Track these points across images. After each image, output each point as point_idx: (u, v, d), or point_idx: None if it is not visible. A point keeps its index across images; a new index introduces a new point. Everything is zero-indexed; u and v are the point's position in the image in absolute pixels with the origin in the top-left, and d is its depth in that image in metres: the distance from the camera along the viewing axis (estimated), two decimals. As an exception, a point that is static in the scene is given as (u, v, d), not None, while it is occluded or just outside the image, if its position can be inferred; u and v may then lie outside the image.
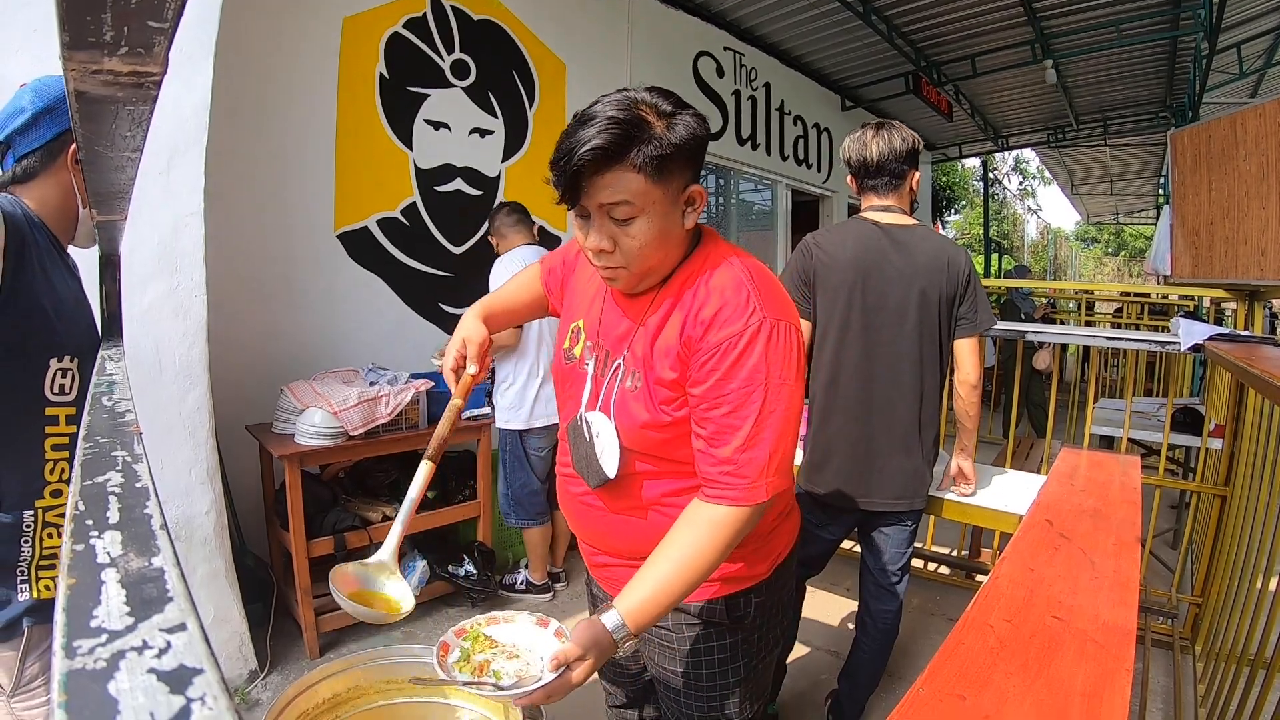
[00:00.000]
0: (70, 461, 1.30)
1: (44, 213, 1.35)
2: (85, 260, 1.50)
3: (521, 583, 3.43)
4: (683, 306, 1.20)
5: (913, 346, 2.16)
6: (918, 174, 2.23)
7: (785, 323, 1.16)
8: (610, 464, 1.28)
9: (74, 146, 1.32)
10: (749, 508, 1.14)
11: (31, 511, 1.32)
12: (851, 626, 3.15)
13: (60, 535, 1.29)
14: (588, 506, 1.38)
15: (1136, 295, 7.20)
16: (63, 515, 1.29)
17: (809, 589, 3.37)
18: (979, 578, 3.58)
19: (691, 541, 1.14)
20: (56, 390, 1.33)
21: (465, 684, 1.08)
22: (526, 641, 1.21)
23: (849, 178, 2.30)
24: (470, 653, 1.17)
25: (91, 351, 1.34)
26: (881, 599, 2.38)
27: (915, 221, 2.21)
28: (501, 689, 1.06)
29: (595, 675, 1.09)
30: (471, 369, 1.40)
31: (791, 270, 2.26)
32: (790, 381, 1.15)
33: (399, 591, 1.21)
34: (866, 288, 2.14)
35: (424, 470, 1.24)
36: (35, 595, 1.32)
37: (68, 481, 1.29)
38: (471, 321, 1.46)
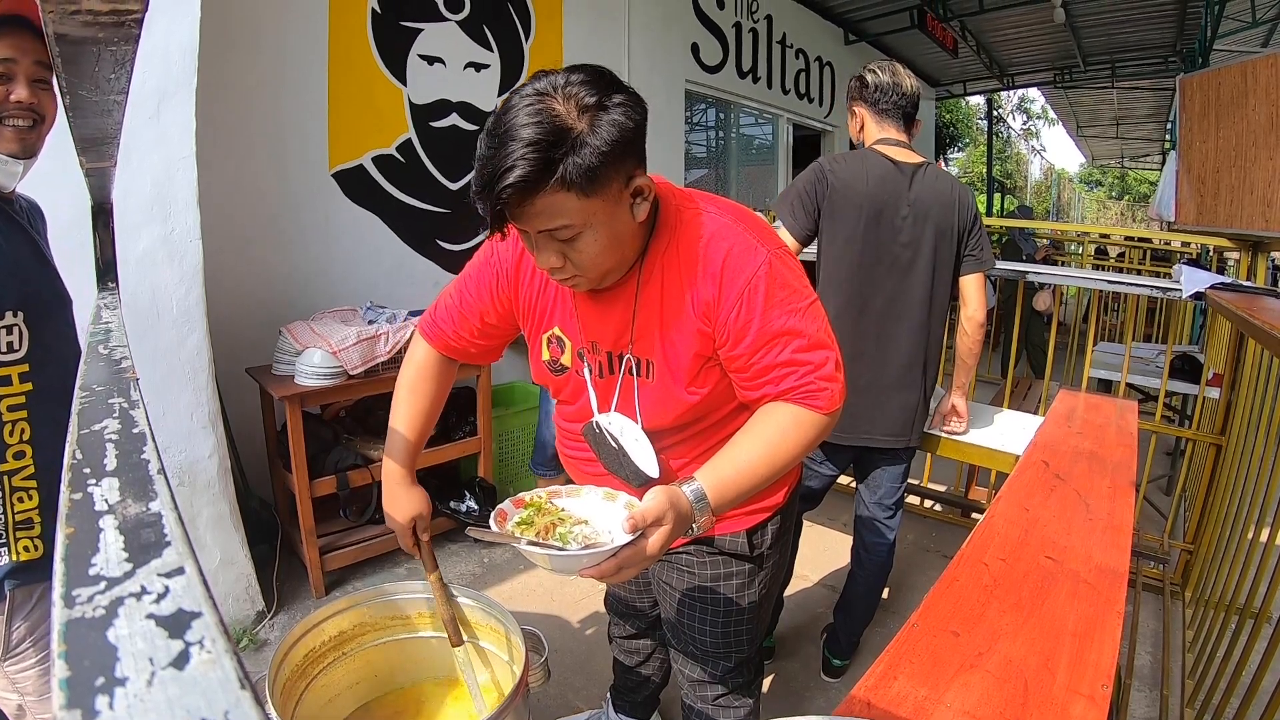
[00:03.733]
0: (29, 421, 1.25)
1: None
2: (75, 208, 1.47)
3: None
4: (679, 278, 1.17)
5: (924, 284, 2.17)
6: (921, 122, 2.24)
7: (780, 249, 1.18)
8: (650, 463, 1.27)
9: None
10: (826, 416, 1.14)
11: None
12: (847, 561, 3.22)
13: (30, 498, 1.26)
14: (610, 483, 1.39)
15: (1139, 240, 7.14)
16: (30, 478, 1.26)
17: (806, 524, 3.42)
18: (975, 515, 3.63)
19: (777, 431, 1.12)
20: (4, 349, 1.24)
21: (530, 544, 0.98)
22: (595, 513, 1.12)
23: (860, 105, 2.22)
24: (533, 518, 1.08)
25: (41, 305, 1.29)
26: (875, 533, 2.43)
27: (924, 159, 2.20)
28: (569, 553, 0.97)
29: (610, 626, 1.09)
30: (424, 538, 1.48)
31: (801, 191, 2.17)
32: (811, 296, 1.17)
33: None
34: (881, 222, 2.12)
35: (460, 656, 1.51)
36: (14, 558, 1.28)
37: (29, 442, 1.26)
38: (407, 494, 1.46)
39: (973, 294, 2.25)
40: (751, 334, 1.13)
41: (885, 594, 3.04)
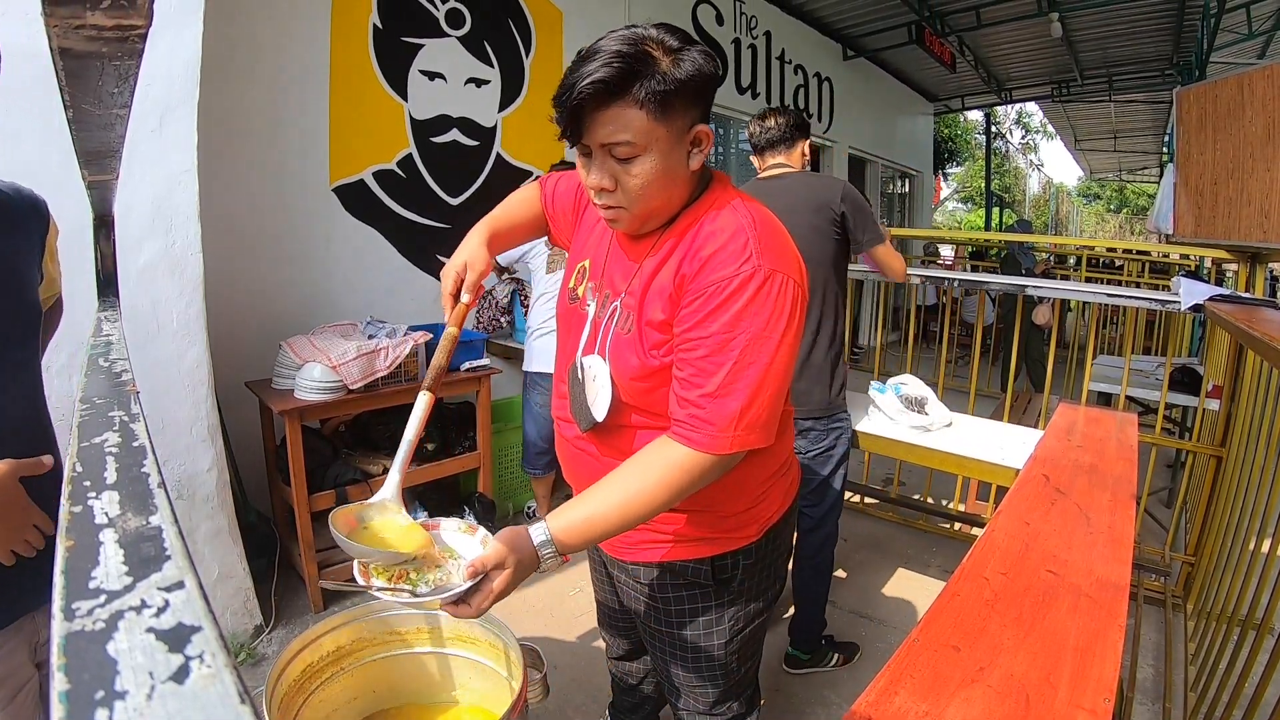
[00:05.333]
0: None
1: None
2: (76, 220, 1.46)
3: (528, 510, 3.63)
4: (683, 248, 1.17)
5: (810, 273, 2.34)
6: (807, 142, 2.51)
7: (783, 275, 1.12)
8: (601, 407, 1.25)
9: None
10: (710, 456, 1.09)
11: None
12: (848, 578, 3.21)
13: None
14: (580, 452, 1.36)
15: (1138, 253, 7.16)
16: None
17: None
18: (975, 530, 3.62)
19: (642, 477, 1.10)
20: None
21: (380, 590, 1.05)
22: (458, 547, 1.16)
23: (752, 157, 2.57)
24: (388, 564, 1.11)
25: None
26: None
27: (799, 169, 2.49)
28: (417, 595, 1.04)
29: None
30: (465, 298, 1.34)
31: None
32: (777, 335, 1.10)
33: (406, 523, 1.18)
34: None
35: (423, 401, 1.20)
36: None
37: None
38: (476, 246, 1.39)
39: (885, 259, 2.48)
40: (695, 320, 1.11)
41: (886, 609, 3.03)
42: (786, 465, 1.44)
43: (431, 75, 3.84)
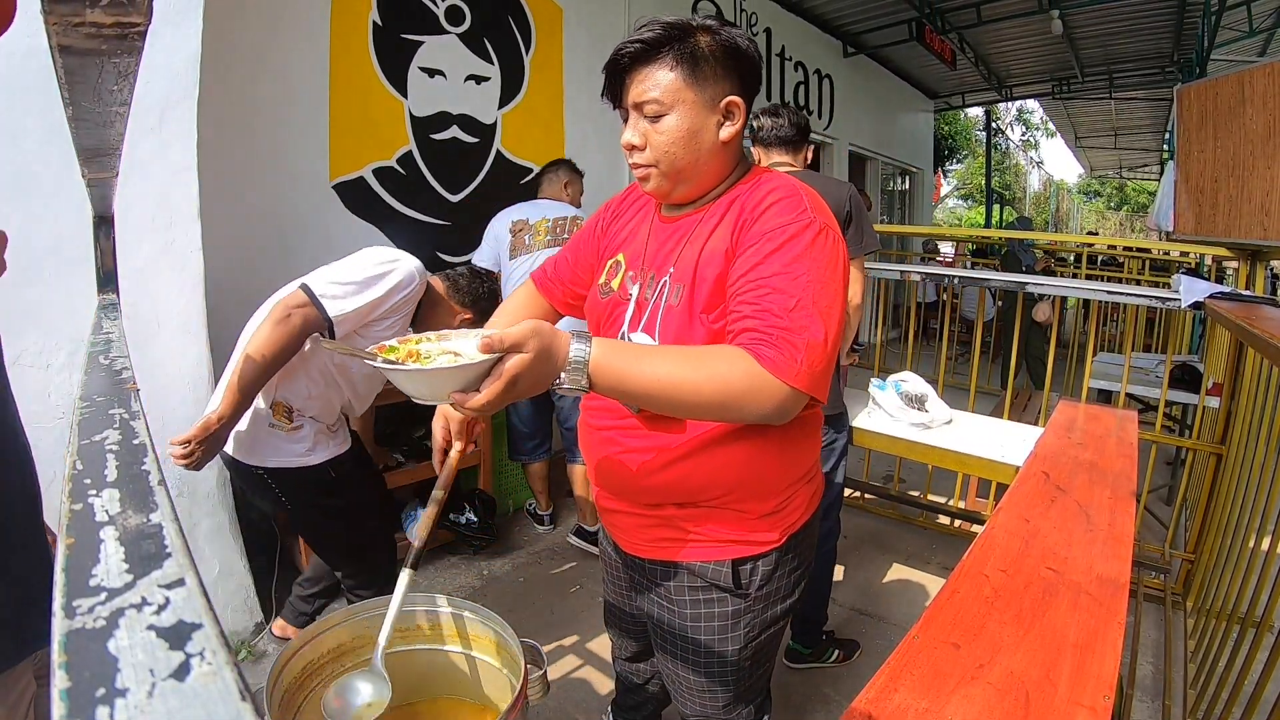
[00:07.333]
0: None
1: None
2: (76, 218, 1.46)
3: (529, 507, 3.72)
4: (736, 209, 1.22)
5: None
6: (811, 147, 2.56)
7: (835, 233, 1.18)
8: None
9: None
10: (771, 379, 1.04)
11: None
12: (854, 577, 3.21)
13: None
14: (608, 442, 1.35)
15: (1138, 250, 7.15)
16: None
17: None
18: (975, 527, 3.62)
19: (697, 362, 1.05)
20: None
21: (384, 363, 0.94)
22: (471, 350, 1.01)
23: (754, 147, 2.57)
24: (405, 344, 1.04)
25: None
26: None
27: (799, 167, 2.51)
28: (412, 369, 0.93)
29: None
30: (456, 445, 1.34)
31: None
32: (835, 285, 1.12)
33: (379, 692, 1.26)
34: None
35: (404, 580, 1.28)
36: None
37: None
38: (437, 410, 1.36)
39: (853, 275, 2.46)
40: (755, 260, 1.12)
41: (886, 606, 3.03)
42: (813, 471, 1.43)
43: (431, 72, 3.83)
